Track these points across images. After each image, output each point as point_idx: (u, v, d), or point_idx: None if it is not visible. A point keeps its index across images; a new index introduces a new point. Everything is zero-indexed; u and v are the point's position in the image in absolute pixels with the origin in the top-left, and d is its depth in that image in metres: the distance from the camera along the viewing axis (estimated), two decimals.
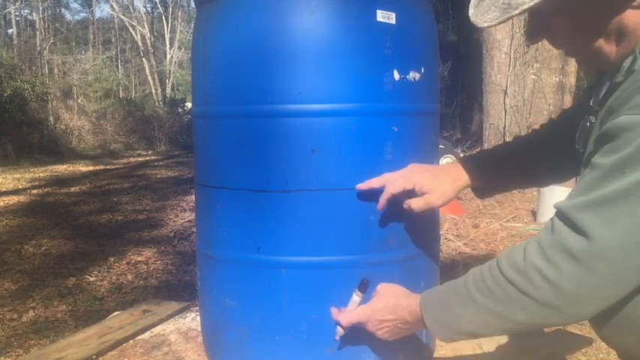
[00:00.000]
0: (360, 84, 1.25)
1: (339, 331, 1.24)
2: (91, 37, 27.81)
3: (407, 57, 1.29)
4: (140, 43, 24.18)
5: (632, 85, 0.79)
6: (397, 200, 1.22)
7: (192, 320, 1.86)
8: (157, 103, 21.22)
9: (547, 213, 5.02)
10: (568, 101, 9.09)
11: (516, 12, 0.82)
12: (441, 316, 1.03)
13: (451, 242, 4.85)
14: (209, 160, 1.39)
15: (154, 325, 1.83)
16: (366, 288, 1.23)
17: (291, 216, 1.27)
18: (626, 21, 0.81)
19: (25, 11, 26.22)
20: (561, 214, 0.84)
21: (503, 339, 1.62)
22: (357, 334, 1.23)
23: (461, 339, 1.04)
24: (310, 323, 1.28)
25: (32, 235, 5.52)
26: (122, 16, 24.23)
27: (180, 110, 19.47)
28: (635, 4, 0.80)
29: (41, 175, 10.21)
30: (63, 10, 30.22)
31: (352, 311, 1.21)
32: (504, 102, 7.77)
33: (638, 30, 0.82)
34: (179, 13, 25.40)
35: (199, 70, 1.41)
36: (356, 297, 1.23)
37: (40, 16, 24.30)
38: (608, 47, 0.85)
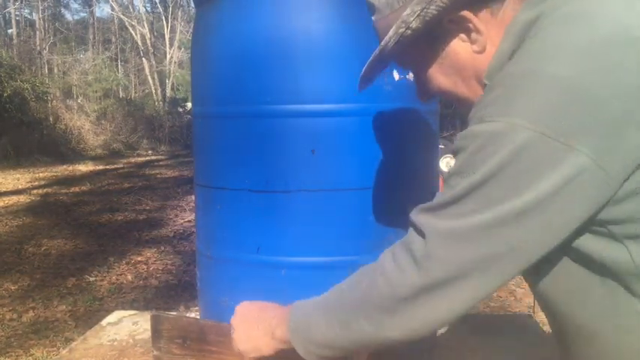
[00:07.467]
0: None
1: None
2: (91, 37, 27.80)
3: None
4: (140, 43, 24.18)
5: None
6: (396, 200, 1.22)
7: None
8: (157, 103, 21.22)
9: None
10: None
11: (373, 56, 0.83)
12: (299, 320, 0.88)
13: None
14: (209, 160, 1.39)
15: None
16: None
17: (290, 216, 1.27)
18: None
19: (25, 11, 26.22)
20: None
21: None
22: None
23: (324, 355, 0.86)
24: None
25: (32, 235, 5.53)
26: (122, 16, 24.22)
27: (180, 110, 19.49)
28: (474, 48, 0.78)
29: (41, 175, 10.21)
30: (63, 9, 30.20)
31: None
32: None
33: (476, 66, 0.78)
34: (179, 13, 25.39)
35: (199, 70, 1.41)
36: None
37: (40, 15, 24.30)
38: (465, 90, 0.82)
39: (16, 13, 24.62)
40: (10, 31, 25.26)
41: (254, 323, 0.98)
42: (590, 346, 0.75)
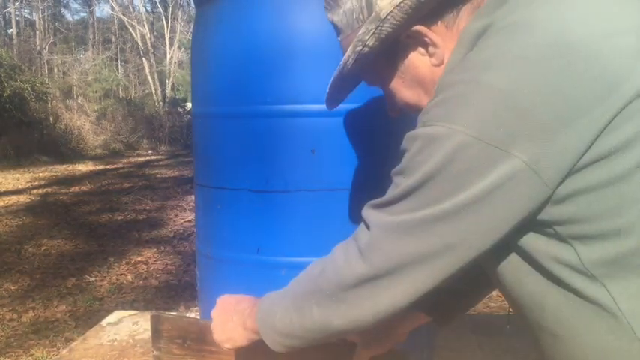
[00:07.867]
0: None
1: None
2: (91, 36, 27.80)
3: None
4: (140, 43, 24.18)
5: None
6: None
7: None
8: (157, 103, 21.23)
9: None
10: None
11: (336, 73, 0.85)
12: (265, 310, 0.90)
13: None
14: (209, 160, 1.39)
15: None
16: None
17: (290, 216, 1.27)
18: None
19: (25, 11, 26.22)
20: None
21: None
22: None
23: (287, 344, 0.87)
24: None
25: (32, 235, 5.53)
26: (122, 16, 24.23)
27: (180, 110, 19.50)
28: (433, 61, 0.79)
29: (41, 175, 10.21)
30: (63, 9, 30.19)
31: None
32: None
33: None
34: (179, 13, 25.39)
35: (199, 71, 1.41)
36: None
37: (40, 15, 24.30)
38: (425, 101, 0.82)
39: (16, 13, 24.63)
40: (10, 31, 25.27)
41: (230, 315, 0.99)
42: (554, 348, 0.76)
